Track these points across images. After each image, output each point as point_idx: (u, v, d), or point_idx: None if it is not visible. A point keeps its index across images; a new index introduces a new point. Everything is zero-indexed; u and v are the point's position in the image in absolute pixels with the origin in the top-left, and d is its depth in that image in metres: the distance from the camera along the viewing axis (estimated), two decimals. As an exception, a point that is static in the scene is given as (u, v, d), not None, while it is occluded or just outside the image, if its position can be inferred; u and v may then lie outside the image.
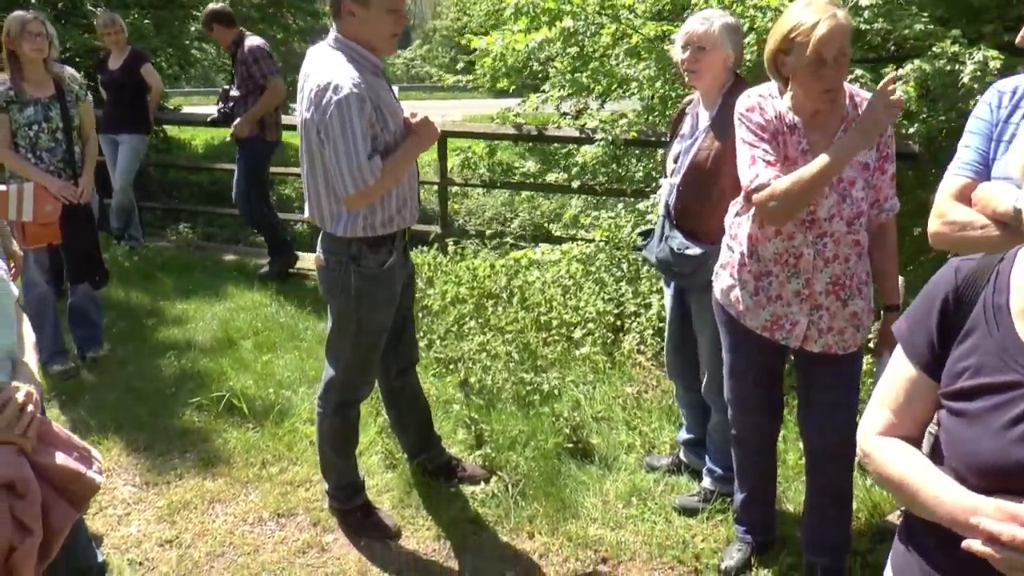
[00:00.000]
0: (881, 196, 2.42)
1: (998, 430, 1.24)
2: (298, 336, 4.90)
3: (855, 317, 2.45)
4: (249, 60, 5.68)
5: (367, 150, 2.51)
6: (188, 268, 6.24)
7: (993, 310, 1.32)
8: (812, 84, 2.26)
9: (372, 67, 2.64)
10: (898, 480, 1.36)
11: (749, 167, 2.38)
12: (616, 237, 4.97)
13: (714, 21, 2.87)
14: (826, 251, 2.40)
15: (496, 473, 3.37)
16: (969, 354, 1.32)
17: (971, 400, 1.30)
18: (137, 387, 4.25)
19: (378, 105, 2.58)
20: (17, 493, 1.71)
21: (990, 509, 1.20)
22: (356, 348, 2.88)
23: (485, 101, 15.58)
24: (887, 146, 2.39)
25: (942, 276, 1.41)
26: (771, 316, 2.52)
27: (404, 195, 2.79)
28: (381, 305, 2.85)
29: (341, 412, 2.99)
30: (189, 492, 3.34)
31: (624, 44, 5.12)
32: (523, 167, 6.63)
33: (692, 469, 3.39)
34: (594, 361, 4.28)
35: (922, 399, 1.41)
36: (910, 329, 1.43)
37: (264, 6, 13.14)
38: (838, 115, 2.37)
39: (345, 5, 2.56)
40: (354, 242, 2.73)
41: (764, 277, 2.51)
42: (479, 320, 4.64)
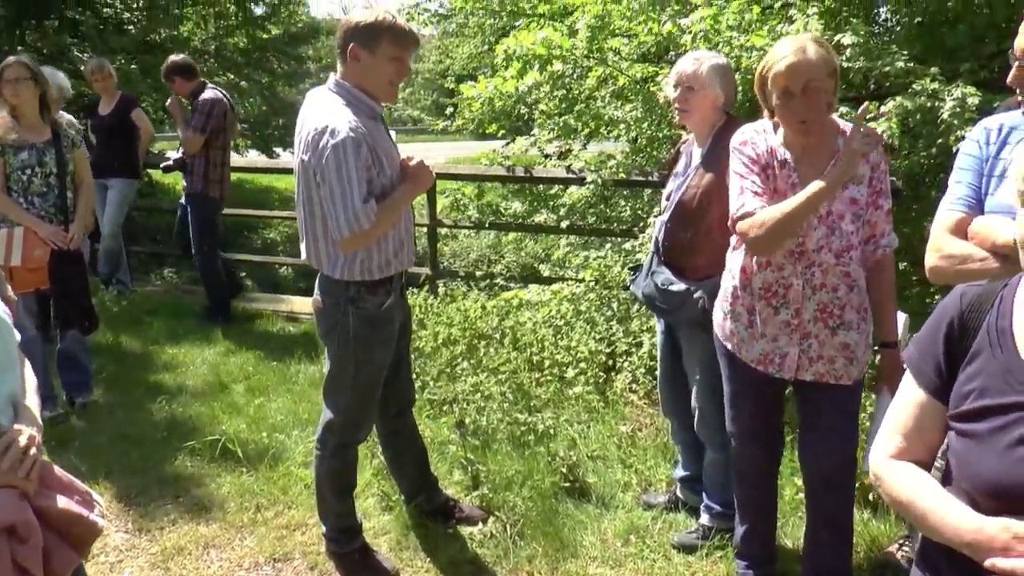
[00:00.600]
0: (877, 232, 2.46)
1: (1003, 450, 1.28)
2: (290, 379, 4.89)
3: (846, 348, 2.48)
4: (202, 108, 5.77)
5: (362, 194, 2.53)
6: (177, 312, 6.22)
7: (997, 334, 1.37)
8: (785, 116, 2.36)
9: (369, 111, 2.68)
10: (907, 502, 1.40)
11: (737, 196, 2.45)
12: (606, 277, 5.02)
13: (704, 62, 2.94)
14: (814, 279, 2.44)
15: (493, 513, 3.36)
16: (974, 377, 1.37)
17: (977, 421, 1.34)
18: (128, 432, 4.21)
19: (374, 149, 2.61)
20: (19, 537, 1.69)
21: (995, 528, 1.23)
22: (355, 390, 2.88)
23: (468, 143, 15.76)
24: (880, 181, 2.43)
25: (948, 302, 1.46)
26: (762, 351, 2.57)
27: (400, 238, 2.81)
28: (379, 346, 2.86)
29: (340, 454, 2.97)
30: (183, 538, 3.30)
31: (610, 86, 5.22)
32: (511, 208, 6.70)
33: (689, 506, 3.39)
34: (587, 400, 4.30)
35: (932, 423, 1.45)
36: (918, 354, 1.48)
37: (249, 51, 13.24)
38: (828, 150, 2.42)
39: (352, 49, 2.61)
40: (352, 284, 2.75)
41: (749, 314, 2.57)
42: (471, 361, 4.65)
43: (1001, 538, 1.22)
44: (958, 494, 1.35)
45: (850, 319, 2.47)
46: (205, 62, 12.49)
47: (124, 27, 11.44)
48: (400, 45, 2.63)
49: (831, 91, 2.35)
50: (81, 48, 10.09)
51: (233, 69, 13.00)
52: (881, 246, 2.47)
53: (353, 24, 2.61)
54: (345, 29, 2.63)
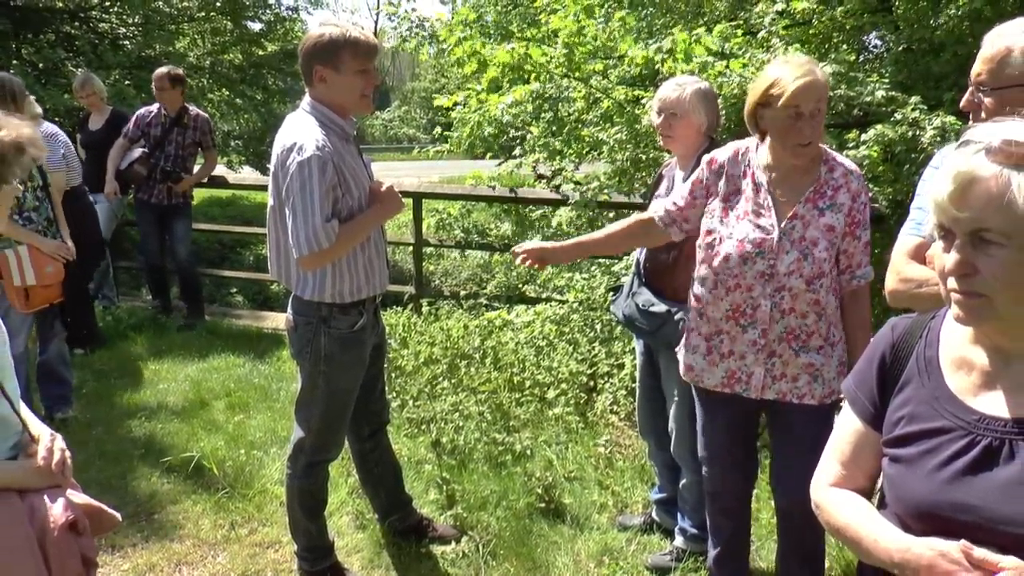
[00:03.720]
0: (853, 263, 2.46)
1: (929, 472, 1.32)
2: (271, 396, 4.89)
3: (810, 367, 2.48)
4: (205, 128, 6.33)
5: (325, 213, 2.53)
6: (161, 328, 6.22)
7: (925, 363, 1.41)
8: (788, 136, 2.35)
9: (341, 131, 2.69)
10: (843, 527, 1.44)
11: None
12: (589, 298, 5.04)
13: (686, 88, 2.97)
14: (783, 303, 2.45)
15: (467, 533, 3.35)
16: (905, 404, 1.41)
17: (906, 446, 1.38)
18: (106, 449, 4.20)
19: (341, 169, 2.61)
20: (77, 531, 1.87)
21: (922, 547, 1.27)
22: (326, 410, 2.87)
23: (462, 162, 15.81)
24: (859, 212, 2.43)
25: (881, 334, 1.51)
26: (726, 372, 2.57)
27: (372, 261, 2.81)
28: (351, 367, 2.87)
29: (311, 473, 2.97)
30: (155, 555, 3.29)
31: (597, 109, 5.26)
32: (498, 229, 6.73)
33: (665, 528, 3.39)
34: (567, 421, 4.31)
35: (869, 452, 1.48)
36: (855, 385, 1.53)
37: (245, 68, 13.31)
38: (812, 175, 2.44)
39: (317, 72, 2.63)
40: (324, 305, 2.75)
41: (714, 336, 2.57)
42: (452, 380, 4.66)
43: (927, 556, 1.25)
44: (891, 517, 1.39)
45: (816, 344, 2.48)
46: (200, 78, 12.57)
47: (120, 43, 11.51)
48: (362, 57, 2.63)
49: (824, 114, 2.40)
50: (75, 63, 10.14)
51: (228, 85, 13.05)
52: (857, 276, 2.49)
53: (311, 45, 2.61)
54: (305, 52, 2.64)
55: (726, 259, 2.47)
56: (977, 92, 1.95)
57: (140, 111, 6.31)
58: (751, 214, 2.46)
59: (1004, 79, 1.87)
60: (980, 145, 1.21)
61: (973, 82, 1.95)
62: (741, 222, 2.46)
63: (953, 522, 1.26)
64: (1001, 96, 1.88)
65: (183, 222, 6.34)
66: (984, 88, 1.92)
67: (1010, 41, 1.86)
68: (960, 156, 1.22)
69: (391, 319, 5.39)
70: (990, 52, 1.90)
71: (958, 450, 1.30)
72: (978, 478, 1.27)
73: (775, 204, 2.44)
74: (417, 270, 6.21)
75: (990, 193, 1.18)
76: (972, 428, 1.30)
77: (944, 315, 1.44)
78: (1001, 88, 1.88)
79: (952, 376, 1.37)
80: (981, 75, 1.92)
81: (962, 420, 1.32)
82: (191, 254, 6.49)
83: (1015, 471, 1.24)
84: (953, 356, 1.38)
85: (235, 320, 6.64)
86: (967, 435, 1.30)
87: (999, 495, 1.24)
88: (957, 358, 1.38)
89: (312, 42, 2.62)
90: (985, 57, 1.91)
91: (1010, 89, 1.86)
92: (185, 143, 6.24)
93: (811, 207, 2.43)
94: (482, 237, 6.06)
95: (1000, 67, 1.88)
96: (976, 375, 1.34)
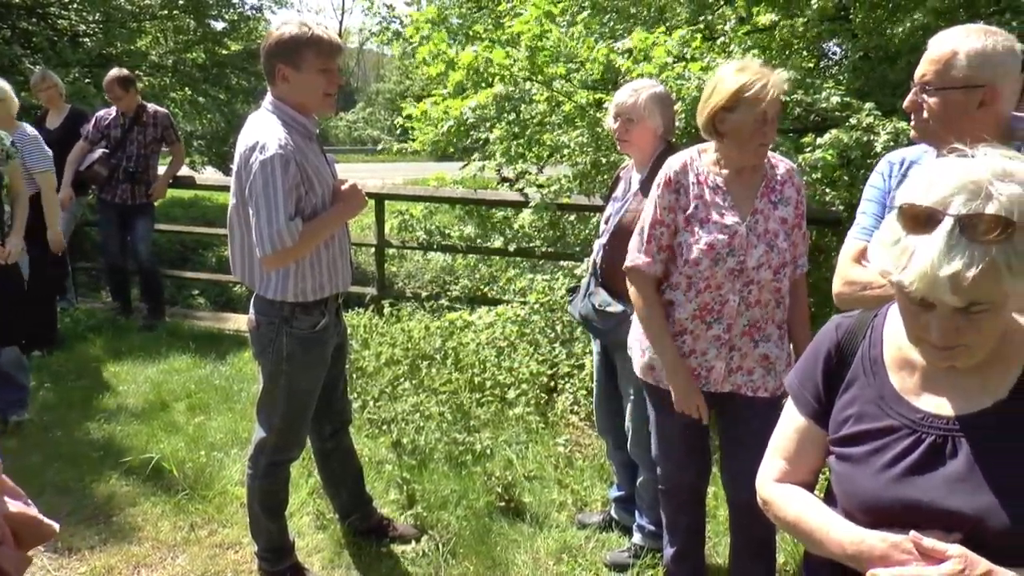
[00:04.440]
0: (798, 252, 2.60)
1: (878, 471, 1.36)
2: (232, 398, 4.87)
3: (765, 359, 2.56)
4: (166, 123, 6.29)
5: (287, 211, 2.54)
6: (121, 330, 6.16)
7: (870, 362, 1.46)
8: (753, 138, 2.43)
9: (303, 130, 2.70)
10: (794, 522, 1.48)
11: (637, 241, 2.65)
12: (551, 300, 5.08)
13: (642, 92, 3.01)
14: (750, 297, 2.52)
15: (427, 532, 3.38)
16: (851, 403, 1.45)
17: (854, 445, 1.42)
18: (63, 452, 4.16)
19: (304, 168, 2.62)
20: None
21: (874, 539, 1.32)
22: (287, 409, 2.88)
23: (426, 164, 15.81)
24: (803, 204, 2.58)
25: (825, 332, 1.55)
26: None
27: (335, 260, 2.83)
28: (312, 367, 2.88)
29: (272, 473, 2.97)
30: (113, 557, 3.27)
31: (559, 112, 5.31)
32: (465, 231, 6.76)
33: (623, 526, 3.44)
34: (527, 421, 4.35)
35: (813, 447, 1.53)
36: (800, 382, 1.56)
37: (208, 67, 13.18)
38: (760, 173, 2.54)
39: (279, 70, 2.63)
40: (286, 304, 2.76)
41: (678, 337, 2.61)
42: (413, 381, 4.68)
43: (880, 547, 1.30)
44: (839, 512, 1.43)
45: (771, 332, 2.57)
46: (163, 77, 12.43)
47: (79, 40, 11.35)
48: (325, 56, 2.64)
49: None
50: (33, 60, 9.98)
51: (191, 85, 12.92)
52: (799, 266, 2.62)
53: (274, 43, 2.62)
54: (267, 50, 2.64)
55: (696, 263, 2.52)
56: (921, 92, 2.00)
57: (99, 112, 6.28)
58: (713, 216, 2.52)
59: (948, 80, 1.93)
60: (951, 220, 1.18)
61: (917, 82, 2.00)
62: (706, 226, 2.52)
63: (901, 518, 1.31)
64: (945, 97, 1.94)
65: (145, 221, 6.29)
66: (929, 88, 1.97)
67: (956, 44, 1.92)
68: (937, 243, 1.18)
69: (352, 320, 5.39)
70: (936, 54, 1.96)
71: (904, 448, 1.35)
72: (924, 475, 1.32)
73: (734, 203, 2.51)
74: (379, 271, 6.21)
75: (980, 278, 1.16)
76: (917, 426, 1.35)
77: (886, 313, 1.49)
78: (945, 89, 1.94)
79: (896, 375, 1.42)
80: (926, 76, 1.98)
81: (907, 419, 1.36)
82: (152, 254, 6.44)
83: (958, 467, 1.30)
84: (896, 356, 1.43)
85: (196, 321, 6.60)
86: (912, 433, 1.35)
87: (944, 491, 1.29)
88: (900, 358, 1.42)
89: (274, 40, 2.62)
90: (931, 58, 1.97)
91: (953, 90, 1.93)
92: (147, 141, 6.20)
93: (766, 202, 2.53)
94: (444, 239, 6.08)
95: (946, 68, 1.93)
96: (919, 375, 1.39)
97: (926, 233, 1.19)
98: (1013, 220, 1.15)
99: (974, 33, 1.92)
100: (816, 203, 4.34)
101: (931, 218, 1.19)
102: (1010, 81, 1.94)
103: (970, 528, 1.27)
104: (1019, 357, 1.34)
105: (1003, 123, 1.98)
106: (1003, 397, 1.32)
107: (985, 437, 1.31)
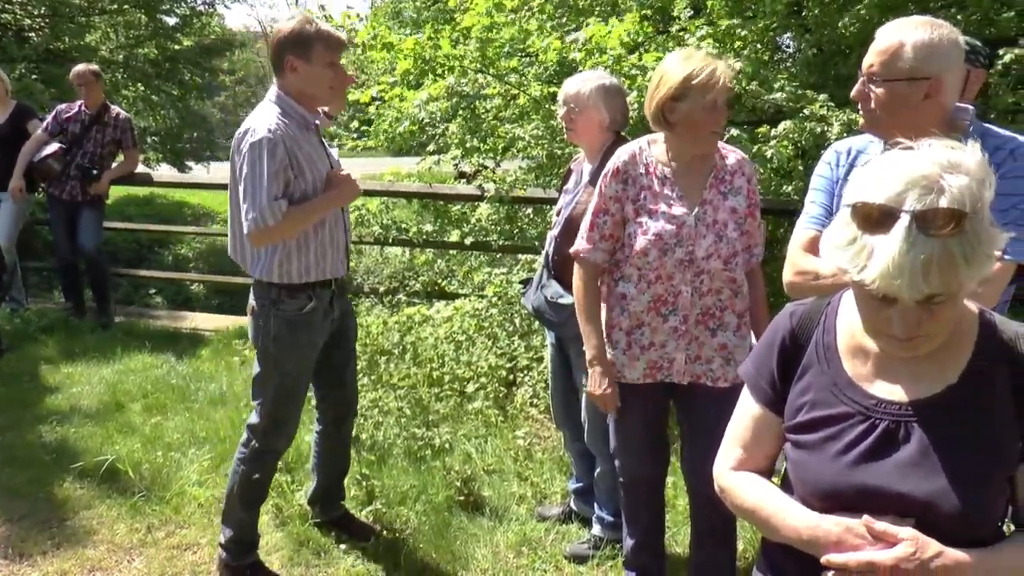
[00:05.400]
0: (752, 242, 2.63)
1: (833, 457, 1.39)
2: (189, 397, 4.82)
3: (724, 349, 2.58)
4: (126, 127, 6.26)
5: (271, 192, 2.63)
6: (74, 331, 6.05)
7: (824, 349, 1.48)
8: (705, 126, 2.47)
9: (301, 119, 2.80)
10: (752, 509, 1.50)
11: (585, 229, 2.67)
12: (508, 293, 5.10)
13: (588, 83, 3.03)
14: (702, 287, 2.54)
15: (387, 528, 3.39)
16: (806, 391, 1.47)
17: (809, 432, 1.44)
18: (15, 455, 4.09)
19: (294, 153, 2.71)
20: None
21: (829, 524, 1.35)
22: (277, 393, 2.94)
23: (383, 160, 15.71)
24: (754, 194, 2.61)
25: (779, 320, 1.57)
26: (647, 364, 2.62)
27: (324, 246, 2.88)
28: (298, 350, 2.92)
29: (260, 461, 3.02)
30: (67, 562, 3.23)
31: (515, 106, 5.32)
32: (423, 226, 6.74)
33: (583, 517, 3.46)
34: (486, 415, 4.36)
35: (769, 434, 1.55)
36: (755, 370, 1.58)
37: (160, 62, 12.99)
38: (709, 163, 2.57)
39: (288, 62, 2.74)
40: (274, 287, 2.84)
41: (636, 330, 2.62)
42: (371, 377, 4.67)
43: (835, 532, 1.33)
44: (795, 498, 1.46)
45: (729, 321, 2.58)
46: (114, 73, 12.21)
47: (25, 35, 11.10)
48: (333, 50, 2.78)
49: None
50: (-21, 57, 9.75)
51: (143, 80, 12.72)
52: (755, 255, 2.66)
53: (284, 35, 2.73)
54: (277, 41, 2.75)
55: (644, 253, 2.54)
56: (868, 83, 2.02)
57: (60, 106, 6.21)
58: (662, 207, 2.54)
59: (895, 72, 1.96)
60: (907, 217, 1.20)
61: (865, 73, 2.02)
62: (654, 217, 2.54)
63: (856, 503, 1.33)
64: (891, 88, 1.97)
65: (92, 214, 6.16)
66: (876, 79, 2.00)
67: (903, 36, 1.94)
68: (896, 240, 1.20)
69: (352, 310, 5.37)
70: (883, 45, 1.98)
71: (859, 435, 1.37)
72: (878, 461, 1.34)
73: (683, 194, 2.54)
74: (338, 267, 6.16)
75: (940, 271, 1.19)
76: (870, 412, 1.38)
77: (839, 300, 1.51)
78: (892, 80, 1.97)
79: (849, 362, 1.44)
80: (873, 67, 2.00)
81: (861, 405, 1.39)
82: (98, 248, 6.26)
83: (911, 452, 1.33)
84: (850, 343, 1.45)
85: (152, 320, 6.51)
86: (866, 420, 1.37)
87: (897, 476, 1.32)
88: (853, 345, 1.44)
89: (285, 32, 2.73)
90: (878, 50, 1.99)
91: (900, 82, 1.96)
92: (104, 141, 6.14)
93: (715, 192, 2.55)
94: (401, 233, 6.06)
95: (892, 59, 1.96)
96: (872, 361, 1.42)
97: (883, 231, 1.21)
98: (966, 211, 1.18)
99: (921, 26, 1.95)
100: (772, 194, 4.41)
101: (886, 216, 1.21)
102: (954, 73, 1.98)
103: (922, 512, 1.30)
104: (968, 342, 1.37)
105: (947, 114, 2.02)
106: (953, 382, 1.35)
107: (937, 422, 1.33)
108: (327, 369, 3.13)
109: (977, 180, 1.22)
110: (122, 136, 6.22)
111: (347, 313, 3.19)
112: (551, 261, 3.19)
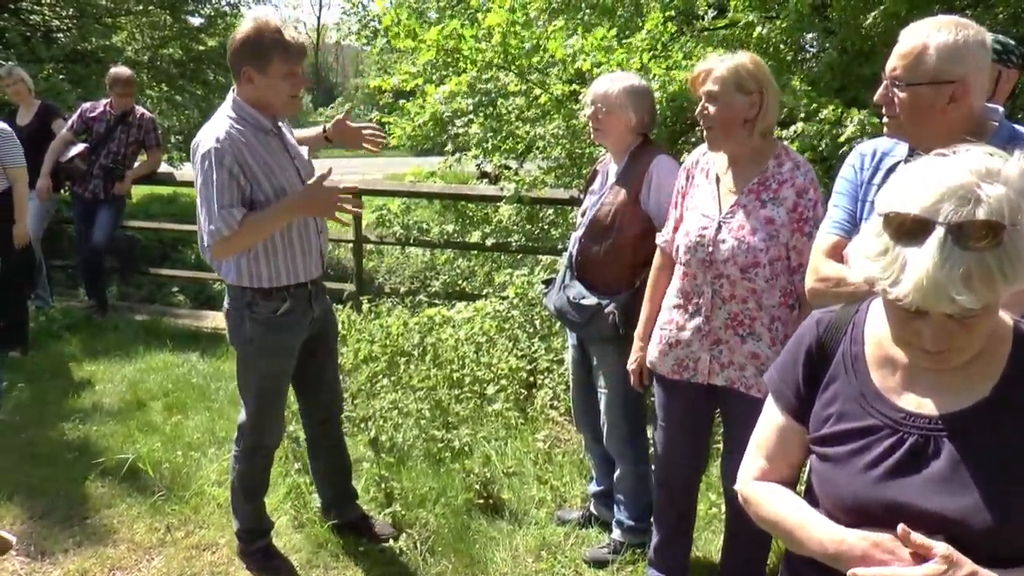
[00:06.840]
0: (804, 260, 2.35)
1: (860, 471, 1.34)
2: (209, 396, 4.84)
3: (755, 357, 2.52)
4: (149, 127, 6.31)
5: (222, 201, 2.61)
6: (98, 329, 6.10)
7: (851, 359, 1.43)
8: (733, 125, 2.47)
9: (257, 125, 2.74)
10: (775, 520, 1.45)
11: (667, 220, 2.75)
12: (529, 294, 5.07)
13: (617, 83, 2.99)
14: (723, 291, 2.52)
15: (406, 531, 3.37)
16: (832, 401, 1.43)
17: (835, 445, 1.40)
18: (37, 452, 4.11)
19: (246, 161, 2.66)
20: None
21: (855, 538, 1.30)
22: (258, 394, 2.96)
23: (407, 159, 15.72)
24: (807, 208, 2.43)
25: (806, 328, 1.52)
26: (675, 360, 2.65)
27: (293, 250, 2.85)
28: (275, 352, 2.92)
29: (251, 457, 3.06)
30: (87, 561, 3.24)
31: (536, 105, 5.29)
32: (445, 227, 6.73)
33: (603, 521, 3.43)
34: (506, 417, 4.33)
35: (794, 444, 1.51)
36: (780, 379, 1.53)
37: (185, 63, 13.10)
38: (760, 167, 2.50)
39: (245, 71, 2.67)
40: (247, 290, 2.83)
41: (666, 325, 2.67)
42: (391, 378, 4.65)
43: (860, 547, 1.28)
44: (819, 511, 1.41)
45: (760, 332, 2.52)
46: (139, 73, 12.32)
47: (53, 35, 11.22)
48: (291, 61, 2.68)
49: (743, 107, 2.44)
50: (5, 56, 9.85)
51: (167, 81, 12.82)
52: (796, 279, 2.47)
53: (240, 44, 2.65)
54: (234, 50, 2.68)
55: (678, 249, 2.61)
56: (892, 87, 1.96)
57: (84, 105, 6.27)
58: (700, 205, 2.56)
59: (919, 75, 1.89)
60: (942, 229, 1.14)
61: (888, 76, 1.96)
62: (692, 213, 2.57)
63: (883, 519, 1.29)
64: (915, 92, 1.90)
65: (109, 211, 6.21)
66: (899, 83, 1.93)
67: (926, 38, 1.88)
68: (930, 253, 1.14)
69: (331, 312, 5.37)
70: (906, 48, 1.91)
71: (886, 449, 1.33)
72: (906, 476, 1.30)
73: (720, 195, 2.53)
74: (357, 267, 6.18)
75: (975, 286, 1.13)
76: (899, 426, 1.33)
77: (867, 309, 1.46)
78: (915, 84, 1.90)
79: (877, 373, 1.39)
80: (896, 70, 1.94)
81: (889, 418, 1.34)
82: (105, 243, 6.29)
83: (940, 467, 1.28)
84: (878, 354, 1.40)
85: (174, 319, 6.54)
86: (895, 433, 1.33)
87: (926, 492, 1.27)
88: (881, 355, 1.39)
89: (240, 42, 2.64)
90: (901, 53, 1.93)
91: (924, 86, 1.89)
92: (128, 141, 6.19)
93: (753, 198, 2.48)
94: (423, 234, 6.06)
95: (916, 63, 1.89)
96: (901, 373, 1.37)
97: (916, 243, 1.15)
98: (1004, 223, 1.13)
99: (945, 27, 1.88)
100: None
101: (920, 227, 1.15)
102: (981, 75, 1.90)
103: (952, 529, 1.25)
104: (1002, 354, 1.32)
105: (975, 117, 1.95)
106: (986, 395, 1.30)
107: (967, 437, 1.28)
108: (306, 371, 3.11)
109: (1016, 190, 1.16)
110: (145, 136, 6.27)
111: (327, 312, 3.17)
112: (575, 262, 3.16)
